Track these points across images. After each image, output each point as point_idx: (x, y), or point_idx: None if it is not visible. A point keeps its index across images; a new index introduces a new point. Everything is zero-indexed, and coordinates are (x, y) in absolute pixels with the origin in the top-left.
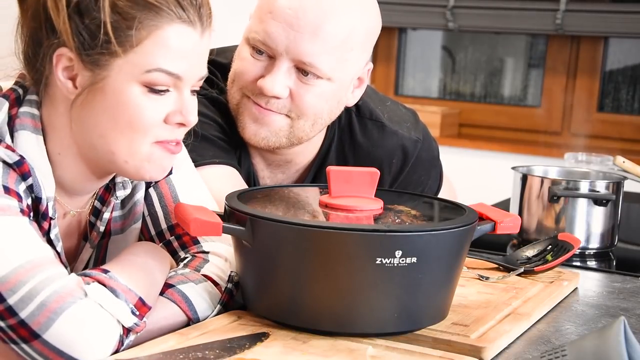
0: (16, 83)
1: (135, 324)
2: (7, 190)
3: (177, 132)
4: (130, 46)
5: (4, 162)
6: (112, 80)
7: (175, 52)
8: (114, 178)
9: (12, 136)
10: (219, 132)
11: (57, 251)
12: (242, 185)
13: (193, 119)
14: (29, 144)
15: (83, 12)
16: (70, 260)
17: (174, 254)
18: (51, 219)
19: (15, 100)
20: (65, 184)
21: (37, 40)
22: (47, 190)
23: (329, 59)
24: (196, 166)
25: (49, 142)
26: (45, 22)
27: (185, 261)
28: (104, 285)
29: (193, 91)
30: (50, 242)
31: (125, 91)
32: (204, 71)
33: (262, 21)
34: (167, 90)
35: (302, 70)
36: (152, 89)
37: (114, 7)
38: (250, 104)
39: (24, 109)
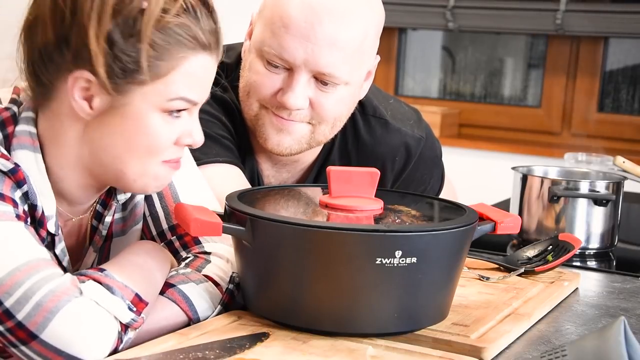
0: (11, 100)
1: (132, 319)
2: (1, 196)
3: (182, 151)
4: (157, 76)
5: None
6: (134, 106)
7: (197, 80)
8: None
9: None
10: (223, 130)
11: (63, 266)
12: (245, 184)
13: (200, 140)
14: (28, 163)
15: (117, 42)
16: (74, 264)
17: (175, 253)
18: (55, 235)
19: (11, 117)
20: (67, 195)
21: (49, 56)
22: (48, 208)
23: (347, 66)
24: (200, 164)
25: (50, 157)
26: (63, 41)
27: (186, 261)
28: (100, 282)
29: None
30: (56, 257)
31: (146, 117)
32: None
33: (277, 35)
34: (182, 112)
35: (321, 79)
36: (172, 115)
37: (152, 41)
38: (271, 115)
39: (20, 127)
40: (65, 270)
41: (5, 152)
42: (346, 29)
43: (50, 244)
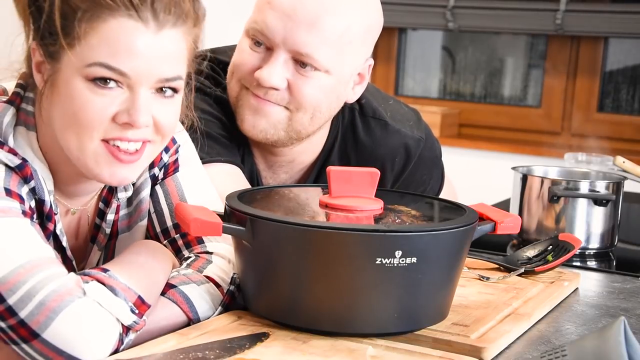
0: (18, 85)
1: (134, 322)
2: (8, 192)
3: (125, 132)
4: (76, 38)
5: (6, 165)
6: (63, 73)
7: (119, 47)
8: None
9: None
10: (223, 130)
11: (62, 245)
12: (245, 183)
13: (143, 120)
14: (22, 140)
15: (40, 2)
16: (79, 262)
17: (177, 252)
18: (54, 213)
19: (19, 98)
20: (62, 185)
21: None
22: (47, 183)
23: (327, 51)
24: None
25: (40, 140)
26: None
27: (188, 261)
28: (103, 283)
29: (165, 94)
30: (55, 237)
31: (71, 84)
32: (165, 72)
33: (261, 11)
34: (115, 86)
35: (300, 61)
36: (97, 84)
37: None
38: (249, 95)
39: (22, 105)
40: (69, 264)
41: (12, 147)
42: (328, 13)
43: (56, 237)
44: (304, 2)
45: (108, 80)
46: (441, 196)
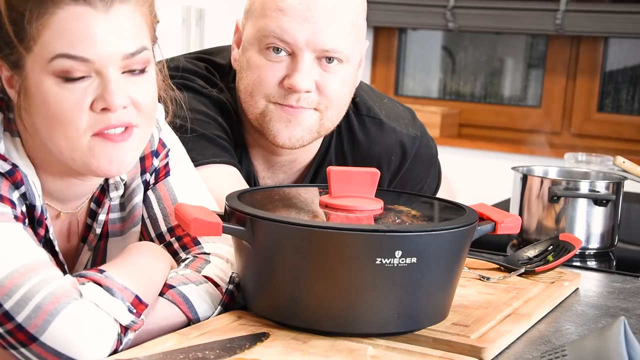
0: (2, 91)
1: (132, 321)
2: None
3: (109, 119)
4: (32, 40)
5: None
6: (31, 79)
7: (73, 35)
8: (107, 179)
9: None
10: (219, 131)
11: (55, 250)
12: (243, 184)
13: (119, 102)
14: (9, 147)
15: None
16: (69, 263)
17: (174, 255)
18: (44, 218)
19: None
20: (51, 190)
21: None
22: (36, 187)
23: (347, 40)
24: (196, 166)
25: (25, 146)
26: None
27: (186, 262)
28: (100, 284)
29: (136, 72)
30: (48, 241)
31: (41, 87)
32: (128, 48)
33: (274, 19)
34: (83, 77)
35: (325, 58)
36: (66, 78)
37: (8, 3)
38: (279, 108)
39: (5, 113)
40: (61, 268)
41: (3, 153)
42: (339, 5)
43: (48, 241)
44: (316, 1)
45: (78, 74)
46: (439, 195)
